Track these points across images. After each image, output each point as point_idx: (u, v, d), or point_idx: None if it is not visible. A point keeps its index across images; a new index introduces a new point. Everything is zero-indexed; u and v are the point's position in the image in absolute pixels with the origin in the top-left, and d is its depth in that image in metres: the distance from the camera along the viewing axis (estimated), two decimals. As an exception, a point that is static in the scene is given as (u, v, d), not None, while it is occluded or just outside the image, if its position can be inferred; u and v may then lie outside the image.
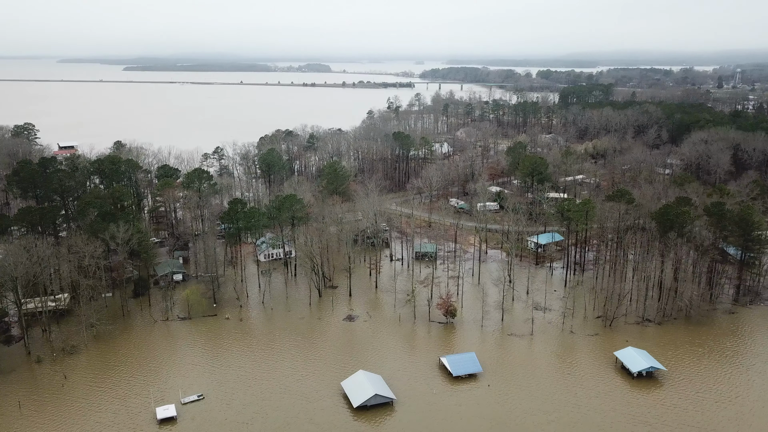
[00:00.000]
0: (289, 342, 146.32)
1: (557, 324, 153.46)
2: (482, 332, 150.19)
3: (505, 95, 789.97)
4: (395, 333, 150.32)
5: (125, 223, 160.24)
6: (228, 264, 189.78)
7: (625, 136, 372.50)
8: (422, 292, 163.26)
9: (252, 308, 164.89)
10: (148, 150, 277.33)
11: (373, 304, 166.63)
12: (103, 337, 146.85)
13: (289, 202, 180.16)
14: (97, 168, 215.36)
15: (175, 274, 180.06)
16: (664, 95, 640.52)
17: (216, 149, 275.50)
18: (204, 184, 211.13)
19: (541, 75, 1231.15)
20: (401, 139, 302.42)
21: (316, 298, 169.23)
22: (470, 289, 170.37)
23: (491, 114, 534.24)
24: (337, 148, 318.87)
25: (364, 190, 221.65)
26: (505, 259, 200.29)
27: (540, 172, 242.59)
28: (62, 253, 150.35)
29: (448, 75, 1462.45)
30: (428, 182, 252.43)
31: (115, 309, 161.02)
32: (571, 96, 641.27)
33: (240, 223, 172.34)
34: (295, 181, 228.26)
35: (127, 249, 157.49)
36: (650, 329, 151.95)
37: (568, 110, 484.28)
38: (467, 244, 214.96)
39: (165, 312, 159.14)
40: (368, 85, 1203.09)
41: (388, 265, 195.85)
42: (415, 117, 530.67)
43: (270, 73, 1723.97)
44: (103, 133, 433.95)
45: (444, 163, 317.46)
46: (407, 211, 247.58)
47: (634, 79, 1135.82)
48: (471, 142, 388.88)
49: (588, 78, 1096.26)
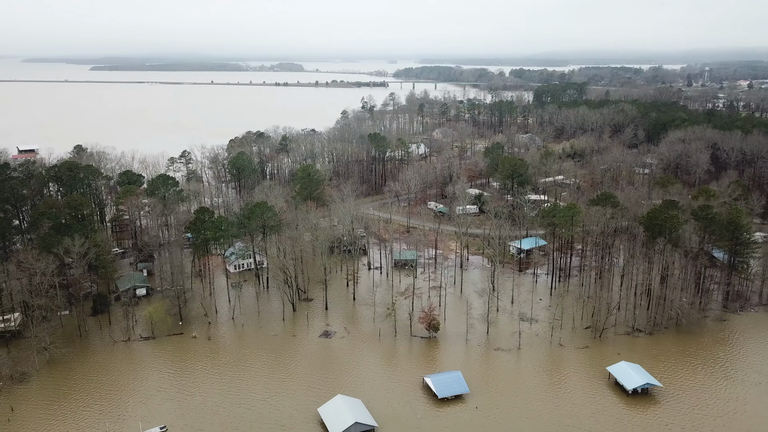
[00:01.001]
0: (261, 363, 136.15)
1: (545, 336, 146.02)
2: (467, 347, 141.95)
3: (479, 94, 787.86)
4: (375, 350, 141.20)
5: (81, 235, 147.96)
6: (196, 276, 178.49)
7: (602, 135, 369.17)
8: (403, 304, 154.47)
9: (221, 325, 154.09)
10: (110, 154, 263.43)
11: (351, 317, 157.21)
12: (57, 362, 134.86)
13: (260, 209, 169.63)
14: (54, 175, 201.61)
15: (138, 289, 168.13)
16: (637, 94, 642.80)
17: (183, 153, 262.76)
18: (169, 191, 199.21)
19: (515, 74, 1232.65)
20: (377, 140, 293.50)
21: (289, 313, 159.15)
22: (453, 300, 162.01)
23: (467, 114, 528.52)
24: (311, 150, 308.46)
25: (339, 195, 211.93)
26: (487, 266, 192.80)
27: (520, 174, 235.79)
28: (10, 270, 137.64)
29: (422, 74, 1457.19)
30: (406, 186, 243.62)
31: (72, 329, 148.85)
32: (545, 95, 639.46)
33: (207, 234, 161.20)
34: (267, 186, 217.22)
35: (83, 264, 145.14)
36: (641, 340, 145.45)
37: (543, 109, 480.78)
38: (448, 250, 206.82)
39: (126, 331, 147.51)
40: (342, 84, 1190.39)
41: (366, 274, 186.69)
42: (390, 117, 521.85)
43: (242, 72, 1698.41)
44: (65, 136, 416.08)
45: (421, 164, 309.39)
46: (385, 215, 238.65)
47: (605, 78, 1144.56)
48: (447, 143, 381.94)
49: (561, 77, 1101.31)
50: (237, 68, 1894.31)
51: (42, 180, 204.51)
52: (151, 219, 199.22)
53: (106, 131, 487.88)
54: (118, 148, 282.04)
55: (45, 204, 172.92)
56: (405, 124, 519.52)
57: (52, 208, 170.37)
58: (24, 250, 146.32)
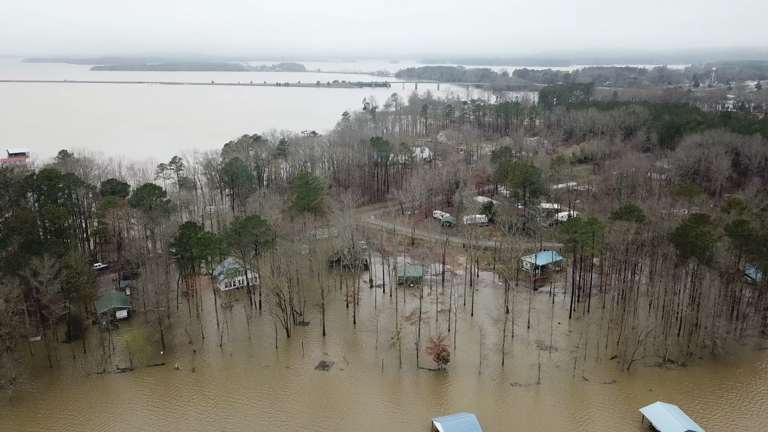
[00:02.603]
0: (250, 399, 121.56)
1: (567, 368, 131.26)
2: (480, 381, 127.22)
3: (483, 94, 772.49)
4: (377, 384, 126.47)
5: (52, 255, 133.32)
6: (182, 295, 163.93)
7: (614, 138, 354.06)
8: (408, 331, 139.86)
9: (208, 353, 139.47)
10: (97, 160, 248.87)
11: (351, 345, 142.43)
12: (22, 399, 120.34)
13: (251, 224, 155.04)
14: (32, 184, 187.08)
15: (118, 311, 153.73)
16: (645, 95, 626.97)
17: (174, 159, 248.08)
18: (155, 202, 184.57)
19: (518, 74, 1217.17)
20: (379, 145, 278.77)
21: (283, 339, 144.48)
22: (463, 325, 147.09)
23: (472, 115, 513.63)
24: (311, 154, 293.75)
25: (339, 205, 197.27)
26: (499, 284, 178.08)
27: (532, 182, 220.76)
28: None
29: (424, 74, 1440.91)
30: (410, 194, 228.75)
31: (42, 358, 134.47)
32: (551, 96, 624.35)
33: (193, 251, 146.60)
34: (261, 196, 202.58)
35: (53, 288, 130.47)
36: (674, 373, 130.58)
37: (551, 111, 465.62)
38: (456, 265, 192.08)
39: (101, 362, 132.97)
40: (343, 84, 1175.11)
41: (368, 293, 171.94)
42: (393, 119, 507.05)
43: (242, 72, 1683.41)
44: (57, 138, 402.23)
45: (426, 170, 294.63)
46: (388, 225, 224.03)
47: (610, 78, 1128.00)
48: (453, 146, 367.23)
49: (565, 77, 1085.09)
50: (238, 68, 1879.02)
51: (19, 190, 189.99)
52: (136, 232, 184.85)
53: (100, 132, 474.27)
54: (106, 152, 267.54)
55: (17, 218, 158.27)
56: (408, 126, 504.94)
57: (26, 222, 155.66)
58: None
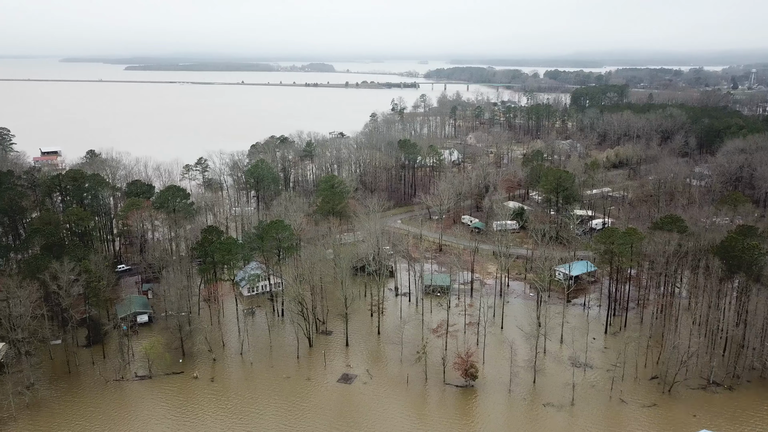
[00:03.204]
0: (270, 412, 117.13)
1: (603, 388, 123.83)
2: (510, 400, 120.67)
3: (513, 96, 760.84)
4: (402, 400, 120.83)
5: (72, 258, 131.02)
6: (204, 300, 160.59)
7: (650, 142, 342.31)
8: (435, 344, 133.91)
9: (227, 362, 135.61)
10: (124, 160, 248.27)
11: (375, 357, 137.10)
12: (39, 405, 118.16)
13: (275, 229, 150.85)
14: (57, 184, 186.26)
15: (139, 315, 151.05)
16: (681, 97, 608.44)
17: (199, 160, 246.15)
18: (179, 203, 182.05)
19: (549, 75, 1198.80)
20: (407, 147, 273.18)
21: (305, 349, 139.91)
22: (493, 340, 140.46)
23: (502, 117, 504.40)
24: (337, 156, 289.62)
25: (364, 209, 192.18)
26: (530, 295, 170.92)
27: (565, 187, 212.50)
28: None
29: (453, 75, 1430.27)
30: (438, 198, 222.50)
31: (61, 363, 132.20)
32: (583, 98, 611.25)
33: (215, 257, 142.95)
34: (286, 199, 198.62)
35: (72, 293, 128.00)
36: (719, 397, 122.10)
37: (584, 114, 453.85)
38: (485, 274, 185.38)
39: (120, 369, 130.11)
40: (372, 85, 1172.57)
41: (393, 301, 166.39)
42: (421, 120, 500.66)
43: (272, 72, 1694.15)
44: (87, 137, 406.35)
45: (454, 173, 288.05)
46: (414, 230, 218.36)
47: (644, 80, 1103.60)
48: (482, 148, 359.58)
49: (597, 78, 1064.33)
50: (268, 68, 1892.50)
51: (45, 190, 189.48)
52: (159, 234, 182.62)
53: (129, 132, 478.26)
54: (133, 153, 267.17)
55: (40, 219, 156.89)
56: (436, 128, 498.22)
57: (49, 224, 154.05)
58: (7, 274, 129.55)
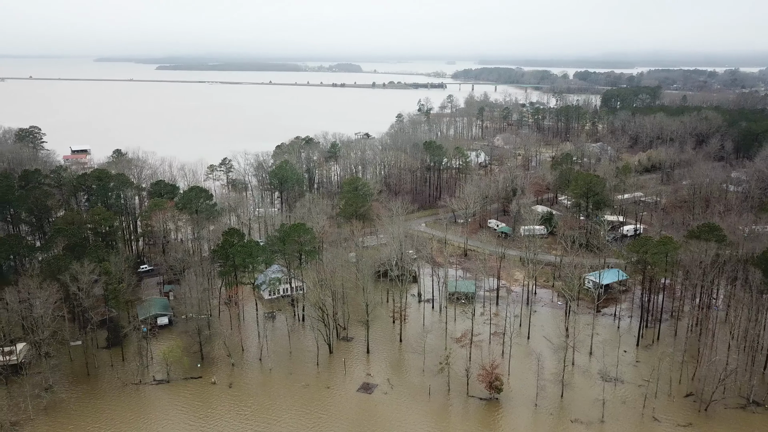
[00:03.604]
0: (288, 421, 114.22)
1: (634, 405, 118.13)
2: (536, 415, 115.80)
3: (542, 97, 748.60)
4: (423, 412, 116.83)
5: (93, 259, 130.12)
6: (225, 302, 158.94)
7: (684, 146, 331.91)
8: (458, 353, 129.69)
9: (246, 367, 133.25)
10: (150, 160, 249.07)
11: (397, 366, 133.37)
12: (56, 407, 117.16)
13: (296, 232, 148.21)
14: (82, 184, 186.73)
15: (159, 317, 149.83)
16: (717, 99, 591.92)
17: (223, 160, 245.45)
18: (202, 204, 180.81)
19: (579, 76, 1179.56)
20: (432, 149, 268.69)
21: (325, 355, 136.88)
22: (519, 350, 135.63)
23: (530, 119, 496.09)
24: (362, 157, 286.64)
25: (388, 213, 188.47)
26: (558, 303, 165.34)
27: (596, 192, 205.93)
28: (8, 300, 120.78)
29: (481, 75, 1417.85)
30: (464, 202, 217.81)
31: (81, 364, 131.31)
32: (614, 99, 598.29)
33: (236, 260, 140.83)
34: (309, 200, 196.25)
35: (91, 294, 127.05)
36: (759, 418, 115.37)
37: (615, 116, 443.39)
38: (512, 281, 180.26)
39: (138, 372, 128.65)
40: (399, 85, 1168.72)
41: (416, 307, 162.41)
42: (448, 121, 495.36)
43: (300, 72, 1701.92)
44: (116, 136, 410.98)
45: (481, 175, 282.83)
46: (438, 233, 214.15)
47: (677, 81, 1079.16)
48: (510, 150, 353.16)
49: (629, 80, 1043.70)
50: (295, 68, 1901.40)
51: (71, 189, 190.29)
52: (181, 235, 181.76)
53: (156, 131, 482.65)
54: (159, 152, 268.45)
55: (64, 218, 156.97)
56: (463, 129, 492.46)
57: (72, 224, 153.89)
58: (28, 275, 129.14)
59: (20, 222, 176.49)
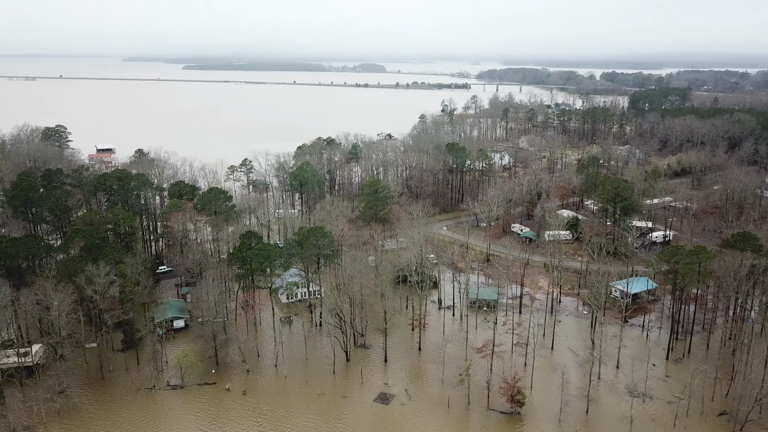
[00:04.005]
0: (302, 430, 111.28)
1: (664, 423, 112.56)
2: (560, 431, 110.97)
3: (568, 98, 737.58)
4: (442, 425, 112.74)
5: (109, 261, 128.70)
6: (242, 305, 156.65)
7: (716, 150, 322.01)
8: (479, 364, 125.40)
9: (261, 374, 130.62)
10: (171, 160, 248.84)
11: (415, 376, 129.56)
12: (69, 412, 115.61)
13: (314, 236, 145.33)
14: (103, 184, 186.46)
15: (176, 320, 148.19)
16: (750, 101, 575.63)
17: (244, 161, 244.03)
18: (221, 206, 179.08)
19: (606, 77, 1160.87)
20: (455, 151, 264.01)
21: (342, 363, 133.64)
22: (542, 363, 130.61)
23: (556, 120, 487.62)
24: (383, 159, 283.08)
25: (408, 217, 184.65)
26: (583, 313, 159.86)
27: (624, 197, 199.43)
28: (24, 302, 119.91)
29: (506, 76, 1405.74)
30: (487, 206, 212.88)
31: (96, 368, 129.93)
32: (642, 101, 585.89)
33: (252, 264, 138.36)
34: (329, 203, 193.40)
35: (107, 297, 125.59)
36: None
37: (643, 118, 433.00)
38: (535, 288, 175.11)
39: (152, 377, 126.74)
40: (422, 86, 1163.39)
41: (436, 314, 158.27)
42: (471, 122, 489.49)
43: (324, 73, 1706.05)
44: (140, 135, 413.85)
45: (504, 178, 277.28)
46: (460, 237, 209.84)
47: (707, 83, 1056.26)
48: (535, 152, 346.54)
49: (657, 81, 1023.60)
50: (320, 68, 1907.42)
51: (91, 189, 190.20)
52: (200, 236, 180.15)
53: (179, 130, 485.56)
54: (181, 152, 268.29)
55: (83, 219, 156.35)
56: (487, 130, 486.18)
57: (91, 224, 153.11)
58: (44, 276, 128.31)
59: (41, 221, 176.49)
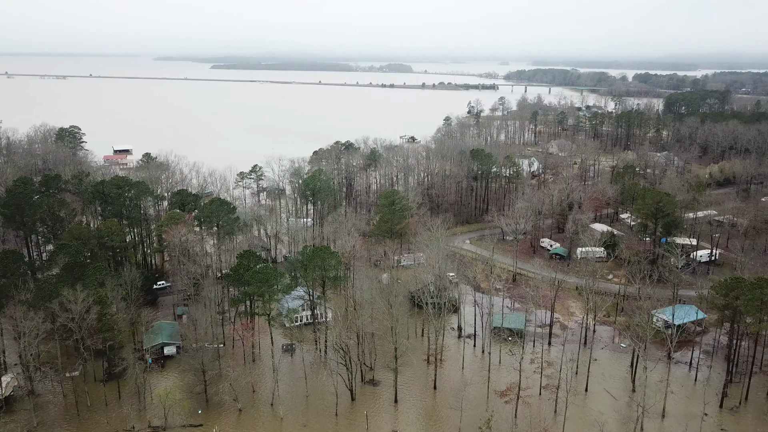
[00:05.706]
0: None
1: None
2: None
3: (599, 100, 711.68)
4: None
5: (89, 284, 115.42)
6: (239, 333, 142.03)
7: (763, 158, 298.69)
8: (503, 410, 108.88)
9: (255, 414, 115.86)
10: (180, 164, 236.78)
11: (429, 421, 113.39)
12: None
13: (320, 256, 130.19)
14: (99, 192, 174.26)
15: (166, 347, 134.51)
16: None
17: (253, 168, 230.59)
18: (224, 218, 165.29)
19: (639, 78, 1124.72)
20: (480, 157, 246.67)
21: (346, 403, 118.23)
22: (575, 410, 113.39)
23: (587, 124, 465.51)
24: (404, 165, 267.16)
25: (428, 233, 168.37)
26: (621, 346, 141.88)
27: (666, 213, 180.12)
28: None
29: (535, 77, 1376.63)
30: (514, 219, 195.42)
31: (73, 403, 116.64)
32: (678, 104, 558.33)
33: (249, 288, 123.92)
34: (342, 215, 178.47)
35: (83, 326, 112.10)
36: None
37: (681, 122, 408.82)
38: (566, 314, 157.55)
39: (133, 417, 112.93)
40: (449, 86, 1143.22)
41: (455, 345, 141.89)
42: (498, 124, 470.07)
43: (350, 72, 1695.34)
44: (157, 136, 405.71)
45: (533, 186, 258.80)
46: (484, 252, 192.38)
47: (746, 85, 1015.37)
48: (565, 158, 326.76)
49: (693, 83, 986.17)
50: (346, 68, 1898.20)
51: (88, 198, 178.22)
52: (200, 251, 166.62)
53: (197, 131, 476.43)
54: (192, 156, 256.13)
55: (71, 232, 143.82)
56: (514, 133, 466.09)
57: (79, 239, 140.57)
58: (17, 300, 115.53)
59: (32, 232, 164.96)
